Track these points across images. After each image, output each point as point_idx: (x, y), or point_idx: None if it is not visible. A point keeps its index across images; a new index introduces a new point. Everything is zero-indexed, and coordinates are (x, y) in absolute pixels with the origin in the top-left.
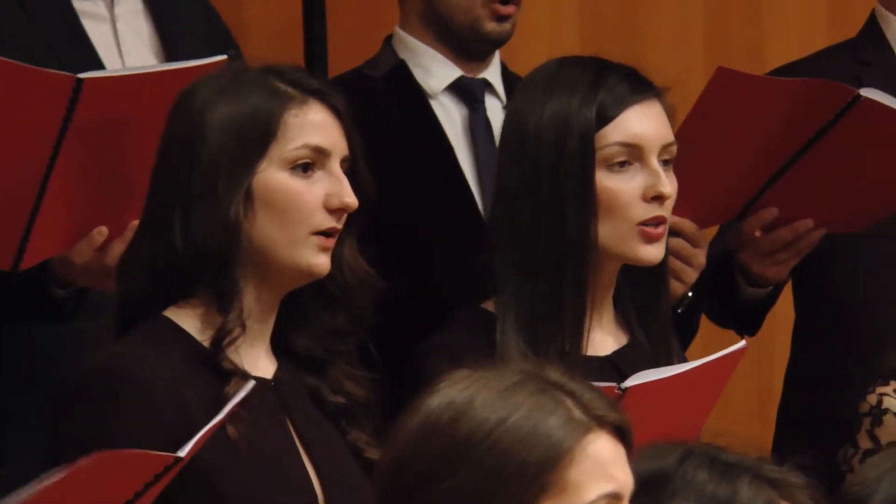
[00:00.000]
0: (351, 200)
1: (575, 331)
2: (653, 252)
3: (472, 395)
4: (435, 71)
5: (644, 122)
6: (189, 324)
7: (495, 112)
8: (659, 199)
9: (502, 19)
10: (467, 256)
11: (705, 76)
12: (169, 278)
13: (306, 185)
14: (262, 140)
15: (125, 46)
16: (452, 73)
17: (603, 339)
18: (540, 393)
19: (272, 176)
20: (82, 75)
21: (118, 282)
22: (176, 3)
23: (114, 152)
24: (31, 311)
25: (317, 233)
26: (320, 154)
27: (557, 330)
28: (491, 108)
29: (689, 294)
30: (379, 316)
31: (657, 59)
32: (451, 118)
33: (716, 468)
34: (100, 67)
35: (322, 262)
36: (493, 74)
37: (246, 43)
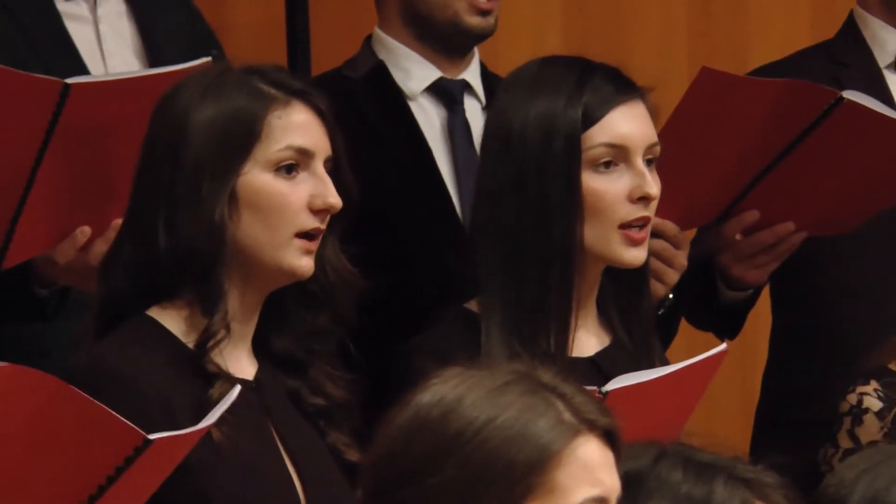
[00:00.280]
0: (335, 201)
1: (560, 332)
2: (636, 255)
3: (462, 392)
4: (414, 72)
5: (629, 123)
6: (173, 324)
7: (474, 113)
8: (644, 199)
9: (484, 13)
10: (445, 257)
11: (688, 76)
12: (152, 279)
13: (290, 187)
14: (246, 142)
15: (107, 48)
16: (431, 74)
17: (587, 339)
18: (531, 394)
19: (256, 177)
20: (70, 80)
21: (100, 282)
22: (159, 4)
23: (98, 154)
24: (14, 310)
25: (301, 234)
26: (304, 155)
27: (543, 331)
28: (470, 109)
29: (670, 296)
30: (358, 316)
31: (640, 59)
32: (429, 120)
33: (690, 468)
34: (82, 69)
35: (305, 263)
36: (472, 75)
37: (229, 43)
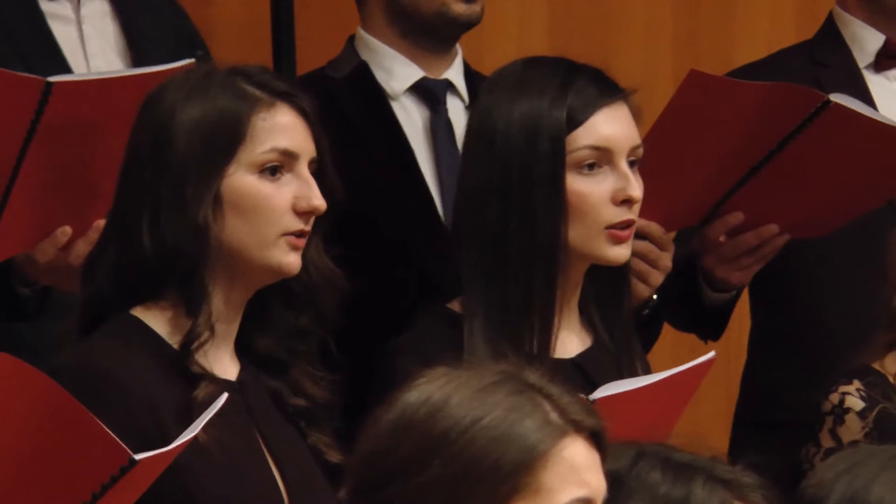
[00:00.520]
0: (319, 203)
1: (543, 333)
2: (620, 252)
3: (449, 392)
4: (396, 72)
5: (613, 125)
6: (157, 324)
7: (457, 113)
8: (628, 202)
9: (469, 0)
10: (427, 257)
11: (673, 76)
12: (136, 280)
13: (275, 188)
14: (231, 144)
15: (90, 48)
16: (414, 74)
17: (569, 341)
18: (517, 394)
19: (241, 180)
20: (52, 79)
21: (84, 282)
22: (143, 4)
23: (80, 153)
24: None
25: (286, 234)
26: (288, 157)
27: (525, 332)
28: (453, 108)
29: (654, 297)
30: (340, 316)
31: (626, 59)
32: (412, 119)
33: (669, 469)
34: (65, 69)
35: (293, 260)
36: (455, 74)
37: (214, 43)
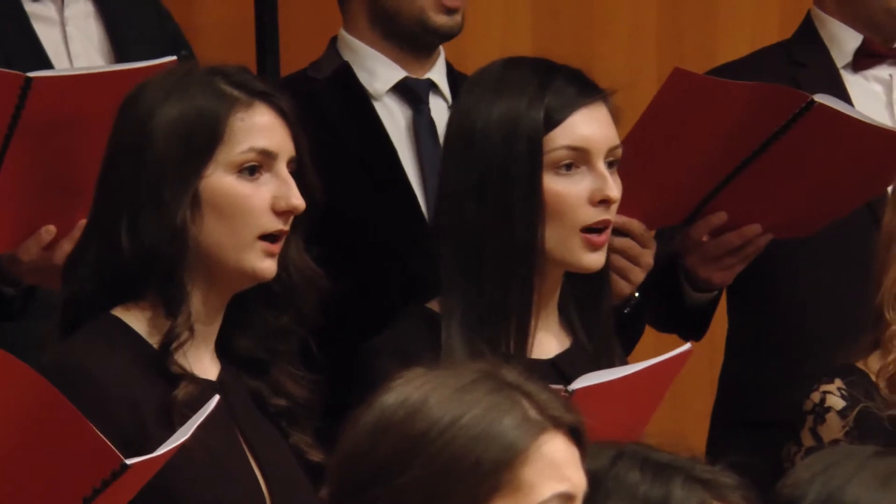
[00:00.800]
0: (298, 202)
1: (520, 333)
2: (595, 259)
3: (427, 392)
4: (379, 72)
5: (591, 126)
6: (137, 325)
7: (440, 112)
8: (605, 202)
9: (450, 11)
10: (411, 258)
11: (657, 77)
12: (116, 280)
13: (253, 188)
14: (209, 144)
15: (74, 49)
16: (396, 74)
17: (547, 341)
18: (496, 392)
19: (219, 180)
20: (31, 74)
21: (64, 282)
22: (127, 5)
23: (63, 151)
24: None
25: (264, 236)
26: (267, 157)
27: (502, 332)
28: (436, 108)
29: (636, 294)
30: (321, 316)
31: (610, 59)
32: (394, 120)
33: (648, 469)
34: (49, 70)
35: (268, 266)
36: (438, 74)
37: (198, 43)
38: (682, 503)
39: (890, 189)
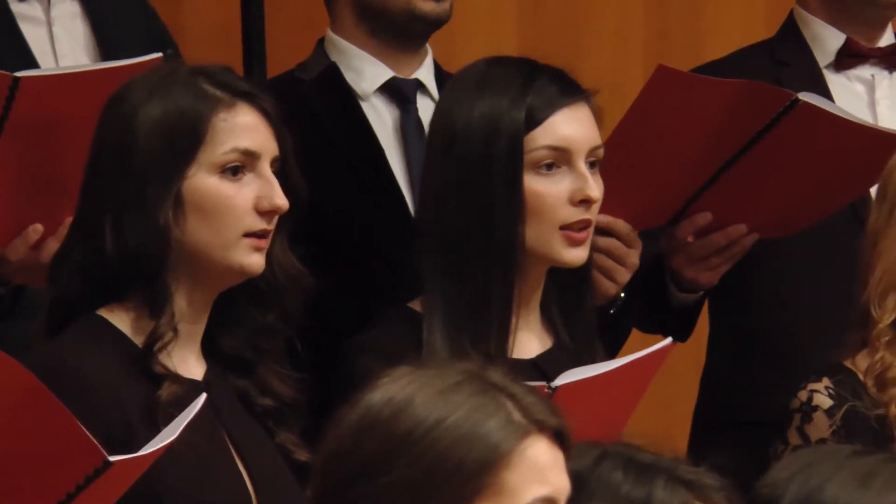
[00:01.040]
0: (281, 202)
1: (501, 333)
2: (577, 254)
3: (412, 392)
4: (366, 72)
5: (572, 126)
6: (122, 324)
7: (428, 112)
8: (586, 202)
9: None
10: (398, 257)
11: (644, 75)
12: (101, 281)
13: (236, 189)
14: (191, 145)
15: (60, 49)
16: (384, 74)
17: (528, 341)
18: (481, 394)
19: (202, 181)
20: (19, 74)
21: (50, 282)
22: (114, 5)
23: (50, 150)
24: None
25: (248, 234)
26: (250, 157)
27: (483, 332)
28: (423, 108)
29: (622, 294)
30: (307, 315)
31: (596, 58)
32: (382, 119)
33: (631, 469)
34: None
35: (255, 261)
36: (425, 74)
37: (184, 44)
38: (665, 503)
39: (873, 189)
